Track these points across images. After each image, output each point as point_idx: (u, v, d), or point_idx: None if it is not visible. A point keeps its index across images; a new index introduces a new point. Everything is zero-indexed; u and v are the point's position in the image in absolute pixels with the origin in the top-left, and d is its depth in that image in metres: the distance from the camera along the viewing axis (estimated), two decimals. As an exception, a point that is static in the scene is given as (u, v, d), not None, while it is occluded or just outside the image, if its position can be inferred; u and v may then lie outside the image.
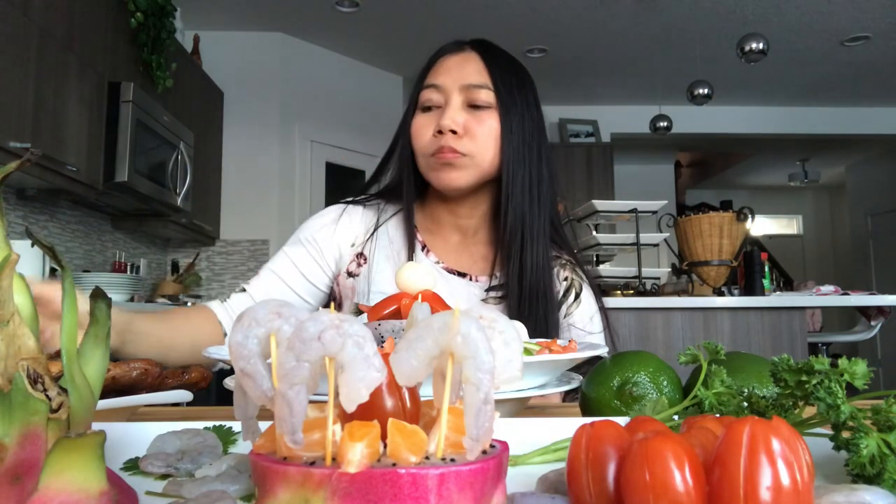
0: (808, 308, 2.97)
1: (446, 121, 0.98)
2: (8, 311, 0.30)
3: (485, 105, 1.00)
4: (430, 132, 1.01)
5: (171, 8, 3.75)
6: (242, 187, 4.87)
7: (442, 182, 1.02)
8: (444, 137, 0.99)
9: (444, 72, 1.02)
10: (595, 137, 6.49)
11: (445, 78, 1.01)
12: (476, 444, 0.29)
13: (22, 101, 2.60)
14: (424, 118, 1.03)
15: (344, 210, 1.12)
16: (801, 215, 10.08)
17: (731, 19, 4.74)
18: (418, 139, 1.03)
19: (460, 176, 1.00)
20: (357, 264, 1.09)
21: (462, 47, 1.05)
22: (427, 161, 1.02)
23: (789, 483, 0.27)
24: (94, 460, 0.29)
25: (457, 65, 1.02)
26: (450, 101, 1.00)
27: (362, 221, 1.11)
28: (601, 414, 0.60)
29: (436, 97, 1.02)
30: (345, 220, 1.11)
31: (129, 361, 0.62)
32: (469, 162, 1.00)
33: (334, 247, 1.09)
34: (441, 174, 1.01)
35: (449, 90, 1.01)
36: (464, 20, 4.77)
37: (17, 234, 3.04)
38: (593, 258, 2.96)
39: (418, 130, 1.03)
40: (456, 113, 0.99)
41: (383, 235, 1.10)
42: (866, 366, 0.41)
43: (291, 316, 0.32)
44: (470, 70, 1.01)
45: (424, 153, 1.02)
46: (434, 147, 1.00)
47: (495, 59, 1.04)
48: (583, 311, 1.08)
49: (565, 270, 1.09)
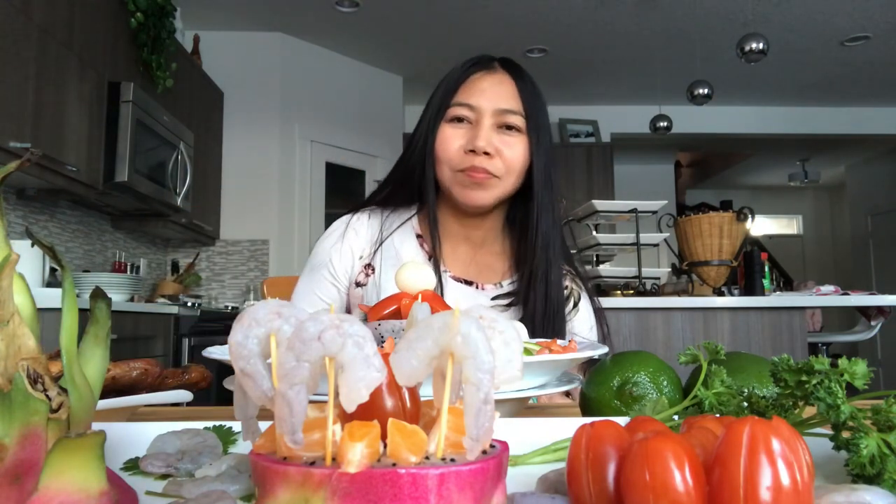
0: (808, 308, 2.97)
1: (482, 142, 1.00)
2: (8, 311, 0.30)
3: (515, 129, 1.03)
4: (457, 146, 1.03)
5: (171, 8, 3.75)
6: (242, 187, 4.87)
7: (468, 199, 1.04)
8: (476, 157, 1.01)
9: (478, 92, 1.04)
10: (595, 137, 6.49)
11: (480, 99, 1.03)
12: (476, 444, 0.29)
13: (22, 101, 2.60)
14: (453, 131, 1.04)
15: (348, 224, 1.13)
16: (801, 215, 10.08)
17: (731, 19, 4.74)
18: (445, 151, 1.03)
19: (487, 195, 1.03)
20: (365, 274, 1.10)
21: (494, 67, 1.07)
22: (454, 176, 1.04)
23: (789, 483, 0.27)
24: (94, 460, 0.29)
25: (491, 87, 1.04)
26: (482, 122, 1.02)
27: (368, 231, 1.12)
28: (601, 414, 0.60)
29: (467, 114, 1.03)
30: (350, 234, 1.12)
31: (128, 361, 0.62)
32: (497, 183, 1.03)
33: (345, 263, 1.11)
34: (469, 192, 1.03)
35: (483, 111, 1.03)
36: (464, 20, 4.77)
37: (17, 234, 3.04)
38: (593, 258, 2.96)
39: (447, 142, 1.03)
40: (490, 134, 1.02)
41: (389, 244, 1.11)
42: (866, 366, 0.41)
43: (291, 316, 0.32)
44: (504, 94, 1.04)
45: (452, 167, 1.03)
46: (465, 164, 1.02)
47: (525, 85, 1.06)
48: (582, 320, 1.13)
49: (566, 280, 1.13)
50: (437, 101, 1.05)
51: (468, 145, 1.01)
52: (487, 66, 1.07)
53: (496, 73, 1.06)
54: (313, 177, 5.12)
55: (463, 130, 1.03)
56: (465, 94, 1.04)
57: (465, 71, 1.06)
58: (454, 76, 1.06)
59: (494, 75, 1.06)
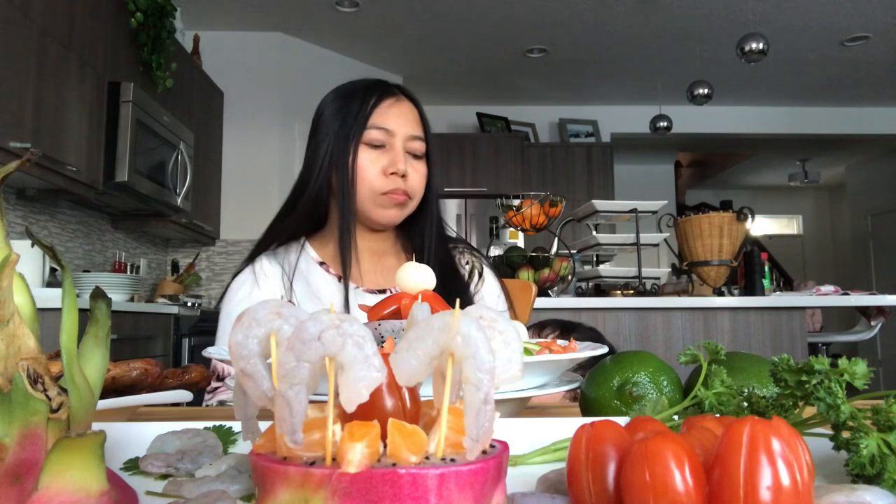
0: (808, 308, 2.97)
1: (402, 165, 1.08)
2: (8, 311, 0.30)
3: (419, 154, 1.12)
4: (378, 169, 1.08)
5: (171, 8, 3.75)
6: (242, 187, 4.86)
7: (387, 219, 1.11)
8: (397, 180, 1.08)
9: (392, 117, 1.10)
10: (595, 137, 6.49)
11: (394, 123, 1.09)
12: (476, 444, 0.29)
13: (22, 101, 2.60)
14: (373, 155, 1.09)
15: (255, 272, 1.13)
16: (801, 215, 10.08)
17: (731, 19, 4.74)
18: (366, 174, 1.08)
19: (402, 214, 1.12)
20: None
21: (398, 95, 1.13)
22: (375, 198, 1.09)
23: (789, 483, 0.27)
24: (94, 460, 0.29)
25: (401, 113, 1.11)
26: (395, 146, 1.09)
27: (275, 273, 1.13)
28: (601, 414, 0.60)
29: (383, 139, 1.09)
30: (262, 280, 1.12)
31: (128, 361, 0.62)
32: (409, 203, 1.12)
33: None
34: (389, 212, 1.10)
35: (397, 136, 1.09)
36: (464, 20, 4.77)
37: (17, 234, 3.04)
38: (593, 258, 2.96)
39: (368, 167, 1.08)
40: (404, 158, 1.10)
41: (298, 279, 1.12)
42: (866, 366, 0.41)
43: (291, 316, 0.32)
44: (411, 121, 1.12)
45: (374, 189, 1.08)
46: (388, 186, 1.08)
47: (423, 113, 1.15)
48: (490, 288, 1.22)
49: (465, 256, 1.24)
50: (349, 126, 1.08)
51: (390, 167, 1.07)
52: (394, 93, 1.13)
53: (402, 100, 1.13)
54: (313, 177, 5.12)
55: (378, 154, 1.09)
56: (379, 118, 1.09)
57: (378, 97, 1.10)
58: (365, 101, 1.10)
59: (403, 103, 1.12)
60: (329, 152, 1.09)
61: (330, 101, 1.15)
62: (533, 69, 5.71)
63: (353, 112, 1.09)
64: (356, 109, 1.09)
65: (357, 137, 1.08)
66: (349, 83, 1.17)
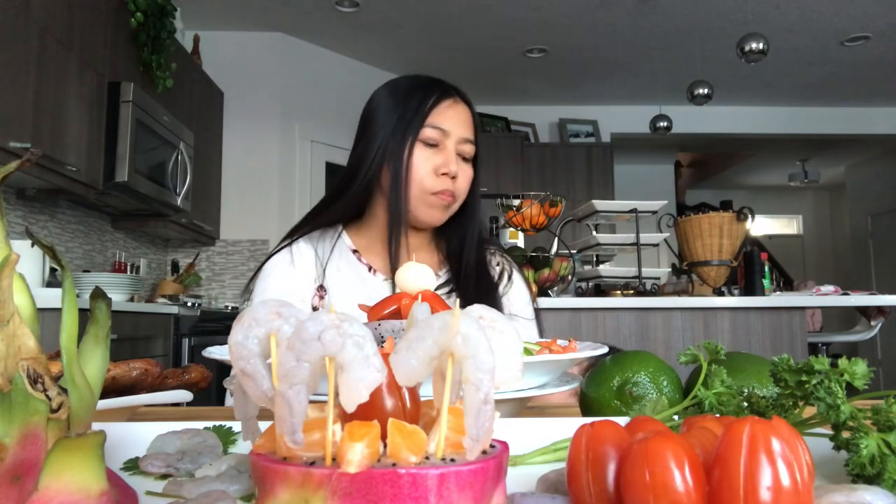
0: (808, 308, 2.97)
1: (454, 166, 1.08)
2: (8, 311, 0.30)
3: (468, 157, 1.13)
4: (430, 168, 1.08)
5: (171, 8, 3.75)
6: (242, 187, 4.86)
7: (431, 219, 1.11)
8: (447, 181, 1.08)
9: (448, 118, 1.10)
10: (595, 137, 6.49)
11: (451, 124, 1.10)
12: (476, 444, 0.29)
13: (22, 101, 2.60)
14: (427, 153, 1.09)
15: (291, 252, 1.14)
16: (801, 215, 10.08)
17: (731, 19, 4.74)
18: (419, 172, 1.08)
19: (446, 216, 1.13)
20: (319, 297, 1.12)
21: (455, 97, 1.14)
22: (424, 197, 1.09)
23: (789, 483, 0.27)
24: (94, 460, 0.29)
25: (458, 115, 1.11)
26: (448, 147, 1.09)
27: (309, 255, 1.14)
28: (601, 414, 0.60)
29: (437, 138, 1.09)
30: (298, 260, 1.13)
31: (128, 361, 0.62)
32: (454, 205, 1.13)
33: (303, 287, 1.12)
34: (434, 213, 1.11)
35: (452, 137, 1.10)
36: (464, 20, 4.77)
37: (17, 234, 3.04)
38: (593, 258, 2.96)
39: (422, 164, 1.08)
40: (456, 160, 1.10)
41: (331, 266, 1.14)
42: (866, 366, 0.41)
43: (291, 316, 0.32)
44: (466, 124, 1.12)
45: (424, 189, 1.08)
46: (438, 187, 1.08)
47: (476, 117, 1.16)
48: (518, 294, 1.22)
49: (496, 257, 1.25)
50: (407, 122, 1.09)
51: (442, 168, 1.08)
52: (452, 94, 1.13)
53: (459, 102, 1.13)
54: (313, 177, 5.12)
55: (431, 153, 1.09)
56: (437, 118, 1.09)
57: (437, 97, 1.11)
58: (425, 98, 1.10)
59: (459, 105, 1.13)
60: (384, 146, 1.09)
61: (386, 95, 1.15)
62: (533, 69, 5.71)
63: (413, 108, 1.09)
64: (415, 106, 1.09)
65: (414, 134, 1.08)
66: (405, 79, 1.17)
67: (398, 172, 1.07)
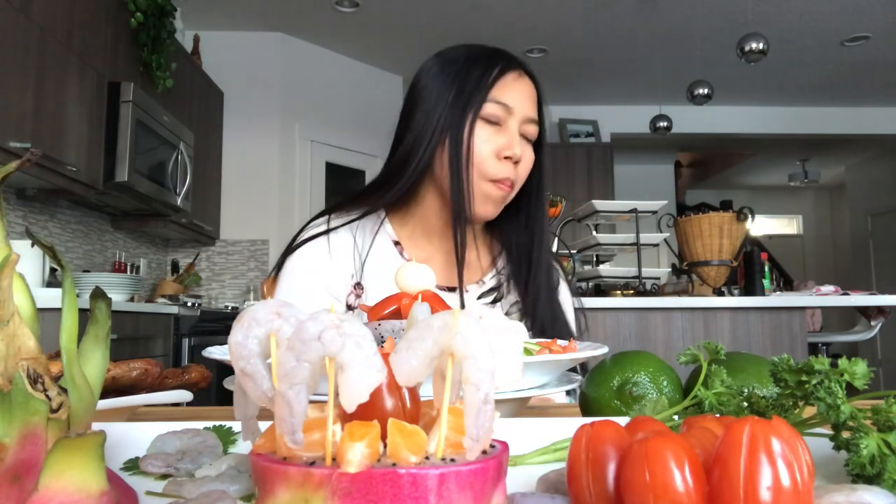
0: (808, 308, 2.97)
1: (518, 150, 0.94)
2: (8, 311, 0.30)
3: (531, 139, 0.98)
4: (491, 149, 0.94)
5: (171, 8, 3.75)
6: (242, 187, 4.87)
7: (483, 213, 0.97)
8: (509, 166, 0.94)
9: (514, 93, 0.96)
10: (595, 137, 6.49)
11: (515, 100, 0.95)
12: (476, 444, 0.29)
13: (22, 101, 2.60)
14: (487, 132, 0.94)
15: (328, 241, 1.01)
16: (801, 215, 10.09)
17: (731, 19, 4.74)
18: (480, 153, 0.93)
19: (498, 211, 0.98)
20: (356, 295, 1.00)
21: (520, 69, 0.99)
22: (481, 184, 0.94)
23: (789, 483, 0.27)
24: (94, 460, 0.29)
25: (523, 90, 0.97)
26: (511, 127, 0.95)
27: (347, 245, 1.01)
28: (601, 414, 0.60)
29: (500, 115, 0.95)
30: (336, 252, 1.00)
31: (128, 361, 0.62)
32: (510, 197, 0.98)
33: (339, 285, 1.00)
34: (489, 206, 0.96)
35: (516, 116, 0.95)
36: (464, 20, 4.77)
37: (17, 234, 3.04)
38: (593, 258, 2.96)
39: (483, 145, 0.94)
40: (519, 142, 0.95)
41: (370, 260, 1.02)
42: (866, 366, 0.41)
43: (291, 316, 0.32)
44: (531, 101, 0.98)
45: (483, 174, 0.94)
46: (500, 173, 0.94)
47: (542, 94, 1.01)
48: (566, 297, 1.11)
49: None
50: (467, 95, 0.94)
51: (505, 150, 0.93)
52: (517, 67, 0.98)
53: (525, 77, 0.99)
54: (313, 177, 5.12)
55: (492, 132, 0.94)
56: (500, 92, 0.94)
57: (501, 68, 0.96)
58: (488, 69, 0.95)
59: (524, 79, 0.98)
60: (441, 123, 0.94)
61: (440, 67, 0.98)
62: (533, 69, 5.70)
63: (474, 79, 0.94)
64: (477, 76, 0.94)
65: (476, 109, 0.93)
66: (460, 47, 1.00)
67: (458, 153, 0.92)
